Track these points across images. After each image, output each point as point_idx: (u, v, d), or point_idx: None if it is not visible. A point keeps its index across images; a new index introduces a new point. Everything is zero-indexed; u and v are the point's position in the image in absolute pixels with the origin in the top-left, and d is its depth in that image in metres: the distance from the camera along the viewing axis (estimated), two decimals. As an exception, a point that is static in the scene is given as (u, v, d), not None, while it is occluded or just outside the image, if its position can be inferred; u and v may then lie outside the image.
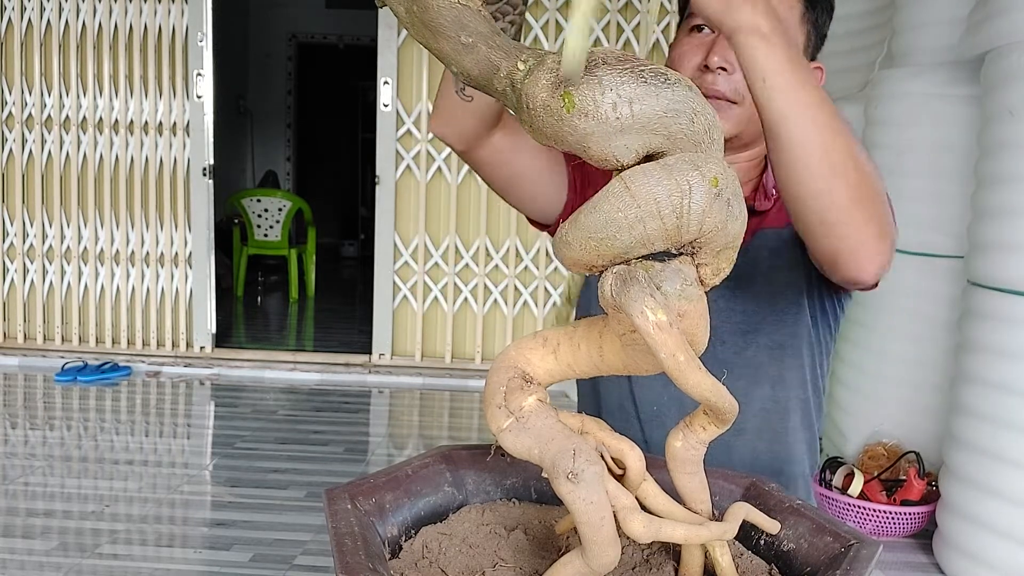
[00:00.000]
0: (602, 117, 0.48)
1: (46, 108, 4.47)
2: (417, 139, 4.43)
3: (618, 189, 0.49)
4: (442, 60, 0.56)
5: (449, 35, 0.53)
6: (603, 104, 0.48)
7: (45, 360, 4.45)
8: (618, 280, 0.52)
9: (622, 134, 0.49)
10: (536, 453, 0.57)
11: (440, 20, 0.53)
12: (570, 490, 0.55)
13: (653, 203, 0.49)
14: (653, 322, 0.50)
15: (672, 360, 0.50)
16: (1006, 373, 2.02)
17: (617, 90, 0.48)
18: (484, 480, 0.77)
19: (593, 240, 0.51)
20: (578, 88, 0.48)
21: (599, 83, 0.48)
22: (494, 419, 0.59)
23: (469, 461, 0.77)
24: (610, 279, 0.52)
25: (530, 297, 4.50)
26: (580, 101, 0.48)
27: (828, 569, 0.64)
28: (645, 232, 0.50)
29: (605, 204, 0.50)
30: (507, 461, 0.77)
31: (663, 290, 0.52)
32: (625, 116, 0.48)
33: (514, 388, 0.59)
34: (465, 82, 0.55)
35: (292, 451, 3.32)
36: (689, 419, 0.63)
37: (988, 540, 2.06)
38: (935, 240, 2.54)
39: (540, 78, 0.49)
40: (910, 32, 2.70)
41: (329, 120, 8.96)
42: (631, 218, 0.49)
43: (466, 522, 0.72)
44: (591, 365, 0.60)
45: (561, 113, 0.48)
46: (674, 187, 0.49)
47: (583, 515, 0.55)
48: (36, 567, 2.29)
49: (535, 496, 0.78)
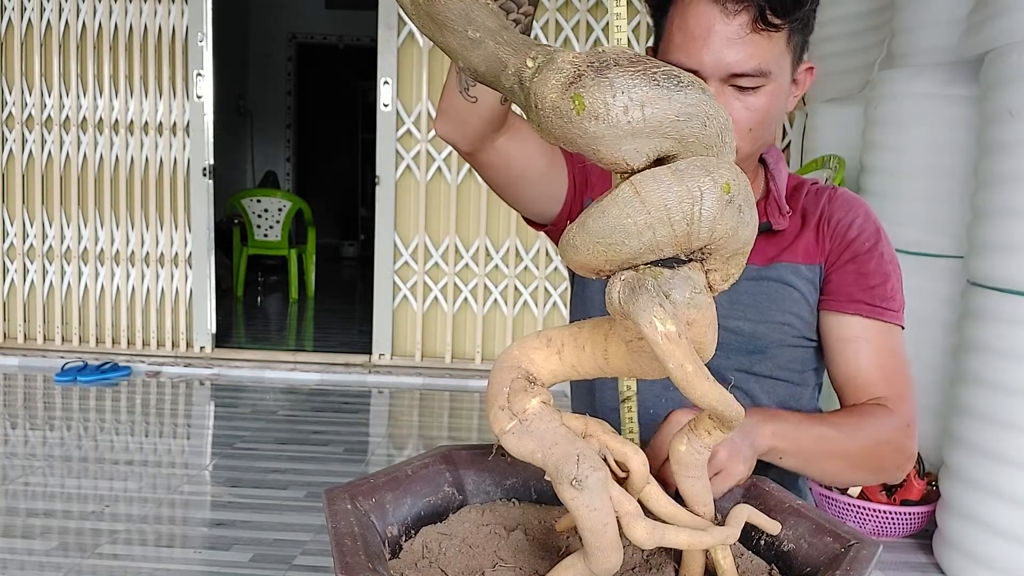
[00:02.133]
0: (613, 120, 0.46)
1: (46, 108, 4.46)
2: (417, 139, 4.43)
3: (628, 194, 0.48)
4: (448, 55, 0.54)
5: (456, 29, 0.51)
6: (614, 107, 0.46)
7: (45, 360, 4.45)
8: (626, 288, 0.50)
9: (633, 137, 0.47)
10: (539, 457, 0.56)
11: (447, 13, 0.52)
12: (574, 496, 0.54)
13: (663, 209, 0.48)
14: (662, 332, 0.49)
15: (680, 371, 0.50)
16: (1006, 373, 2.02)
17: (629, 93, 0.46)
18: (484, 480, 0.77)
19: (601, 245, 0.49)
20: (588, 90, 0.46)
21: (610, 85, 0.46)
22: (497, 421, 0.58)
23: (469, 461, 0.77)
24: (618, 286, 0.51)
25: (530, 297, 4.50)
26: (591, 103, 0.46)
27: (828, 569, 0.64)
28: (654, 238, 0.48)
29: (614, 209, 0.48)
30: (507, 461, 0.77)
31: (672, 298, 0.51)
32: (636, 119, 0.46)
33: (517, 389, 0.58)
34: (472, 77, 0.53)
35: (292, 451, 3.32)
36: (694, 423, 0.63)
37: (988, 540, 2.06)
38: (935, 240, 2.54)
39: (550, 78, 0.48)
40: (910, 32, 2.70)
41: (329, 120, 8.96)
42: (640, 224, 0.48)
43: (466, 522, 0.72)
44: (595, 367, 0.60)
45: (571, 115, 0.47)
46: (685, 193, 0.48)
47: (587, 521, 0.54)
48: (36, 567, 2.29)
49: (535, 496, 0.78)
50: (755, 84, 0.98)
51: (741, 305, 1.05)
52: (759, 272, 1.06)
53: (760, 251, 1.07)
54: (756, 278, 1.06)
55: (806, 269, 1.07)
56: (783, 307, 1.06)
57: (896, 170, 2.62)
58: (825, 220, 1.09)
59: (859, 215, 1.09)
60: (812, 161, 3.25)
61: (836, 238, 1.07)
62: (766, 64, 0.97)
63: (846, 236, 1.07)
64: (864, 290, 1.05)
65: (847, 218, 1.08)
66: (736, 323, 1.05)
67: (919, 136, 2.55)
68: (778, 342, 1.06)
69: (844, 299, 1.05)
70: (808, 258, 1.07)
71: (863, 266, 1.06)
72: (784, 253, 1.07)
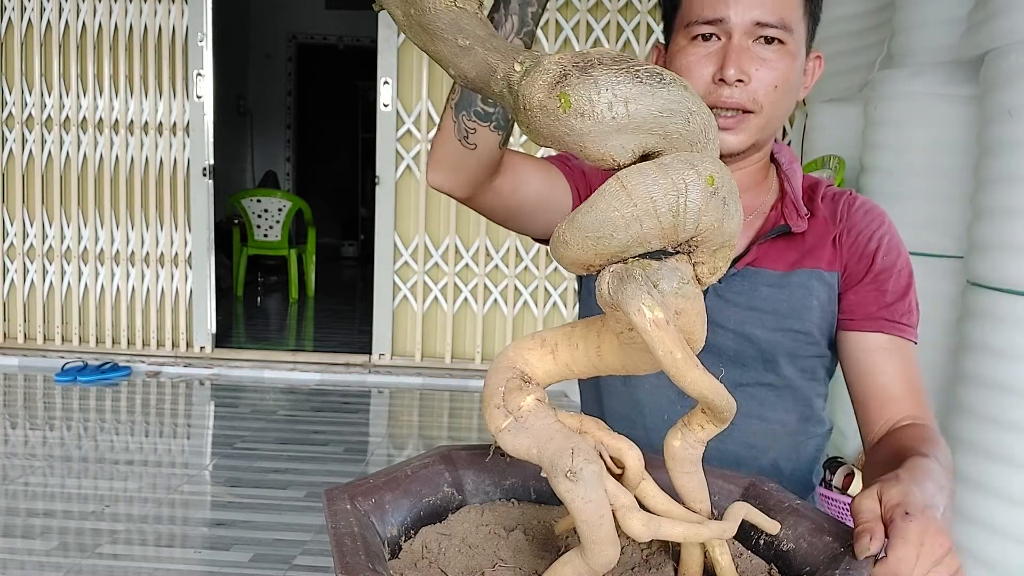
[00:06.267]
0: (598, 117, 0.48)
1: (46, 108, 4.47)
2: (417, 139, 4.43)
3: (615, 188, 0.50)
4: (440, 63, 0.56)
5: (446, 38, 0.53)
6: (599, 104, 0.48)
7: (45, 360, 4.45)
8: (615, 278, 0.52)
9: (618, 133, 0.49)
10: (535, 453, 0.57)
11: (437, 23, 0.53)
12: (569, 488, 0.55)
13: (650, 201, 0.49)
14: (650, 319, 0.50)
15: (669, 358, 0.50)
16: (1006, 373, 2.01)
17: (613, 90, 0.48)
18: (483, 480, 0.77)
19: (590, 239, 0.51)
20: (574, 88, 0.48)
21: (595, 83, 0.48)
22: (493, 419, 0.59)
23: (468, 461, 0.77)
24: (607, 278, 0.52)
25: (530, 297, 4.50)
26: (576, 101, 0.48)
27: (828, 569, 0.64)
28: (642, 231, 0.50)
29: (602, 203, 0.50)
30: (506, 461, 0.77)
31: (660, 288, 0.52)
32: (621, 116, 0.48)
33: (513, 388, 0.59)
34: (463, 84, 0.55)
35: (292, 451, 3.32)
36: (687, 418, 0.63)
37: (988, 540, 2.06)
38: (935, 240, 2.54)
39: (537, 79, 0.50)
40: (910, 32, 2.70)
41: (329, 120, 8.96)
42: (627, 217, 0.49)
43: (465, 522, 0.72)
44: (589, 365, 0.60)
45: (558, 113, 0.49)
46: (670, 186, 0.49)
47: (582, 513, 0.55)
48: (36, 567, 2.29)
49: (534, 496, 0.78)
50: (779, 36, 0.99)
51: (760, 312, 1.04)
52: (782, 278, 1.05)
53: (781, 256, 1.05)
54: (779, 284, 1.04)
55: (828, 276, 1.05)
56: (802, 316, 1.04)
57: (896, 170, 2.62)
58: (846, 230, 1.07)
59: (880, 229, 1.08)
60: (812, 161, 3.25)
61: (856, 252, 1.06)
62: (788, 18, 0.99)
63: (865, 251, 1.06)
64: (884, 307, 1.04)
65: (868, 230, 1.07)
66: (752, 330, 1.04)
67: (919, 136, 2.55)
68: (793, 351, 1.05)
69: (865, 318, 1.05)
70: (830, 265, 1.06)
71: (883, 283, 1.05)
72: (806, 258, 1.06)
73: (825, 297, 1.06)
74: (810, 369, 1.08)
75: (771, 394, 1.07)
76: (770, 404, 1.07)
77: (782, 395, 1.08)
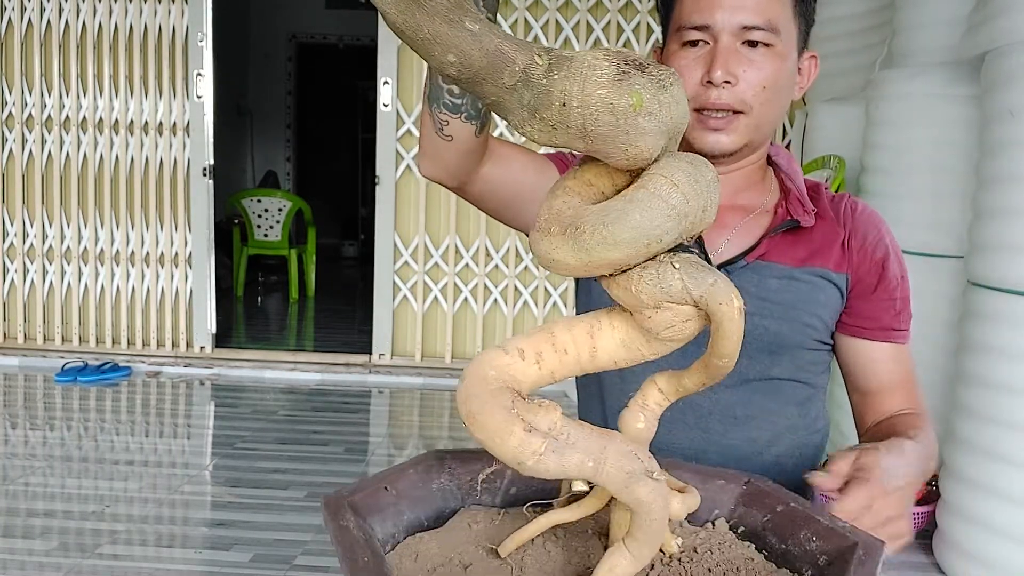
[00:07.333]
0: (661, 117, 0.49)
1: (46, 108, 4.47)
2: (417, 139, 4.42)
3: (665, 186, 0.50)
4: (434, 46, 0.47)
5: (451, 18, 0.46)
6: (664, 104, 0.49)
7: (45, 360, 4.45)
8: (685, 272, 0.52)
9: (664, 134, 0.50)
10: (590, 466, 0.52)
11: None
12: (652, 488, 0.53)
13: (694, 197, 0.51)
14: (737, 307, 0.52)
15: (739, 344, 0.53)
16: (1006, 373, 2.02)
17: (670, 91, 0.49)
18: (480, 485, 0.77)
19: (646, 238, 0.50)
20: (645, 88, 0.48)
21: (659, 84, 0.48)
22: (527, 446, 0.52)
23: (464, 465, 0.77)
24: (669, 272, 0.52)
25: (530, 297, 4.50)
26: (647, 101, 0.48)
27: (829, 569, 0.64)
28: (687, 224, 0.51)
29: (657, 202, 0.50)
30: (503, 466, 0.77)
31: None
32: (672, 117, 0.50)
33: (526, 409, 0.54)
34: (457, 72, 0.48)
35: (292, 451, 3.32)
36: (642, 398, 0.62)
37: (988, 540, 2.06)
38: (935, 240, 2.54)
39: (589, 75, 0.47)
40: (910, 32, 2.70)
41: (329, 120, 8.96)
42: (678, 212, 0.50)
43: (462, 527, 0.71)
44: (577, 367, 0.58)
45: (627, 112, 0.47)
46: (703, 181, 0.51)
47: (660, 511, 0.54)
48: (36, 567, 2.29)
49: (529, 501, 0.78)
50: (766, 40, 0.99)
51: (770, 303, 1.05)
52: (790, 272, 1.06)
53: (790, 251, 1.07)
54: (787, 278, 1.06)
55: (836, 276, 1.07)
56: (810, 309, 1.06)
57: (896, 170, 2.62)
58: (852, 235, 1.08)
59: (884, 234, 1.10)
60: (812, 161, 3.25)
61: (865, 259, 1.08)
62: (776, 20, 0.99)
63: (874, 258, 1.08)
64: (892, 317, 1.08)
65: (873, 236, 1.09)
66: (763, 321, 1.05)
67: (919, 136, 2.55)
68: (799, 344, 1.07)
69: (876, 328, 1.08)
70: (838, 266, 1.07)
71: (893, 293, 1.08)
72: (815, 256, 1.07)
73: (832, 296, 1.07)
74: (813, 364, 1.10)
75: (775, 388, 1.08)
76: (773, 398, 1.08)
77: (785, 389, 1.09)
